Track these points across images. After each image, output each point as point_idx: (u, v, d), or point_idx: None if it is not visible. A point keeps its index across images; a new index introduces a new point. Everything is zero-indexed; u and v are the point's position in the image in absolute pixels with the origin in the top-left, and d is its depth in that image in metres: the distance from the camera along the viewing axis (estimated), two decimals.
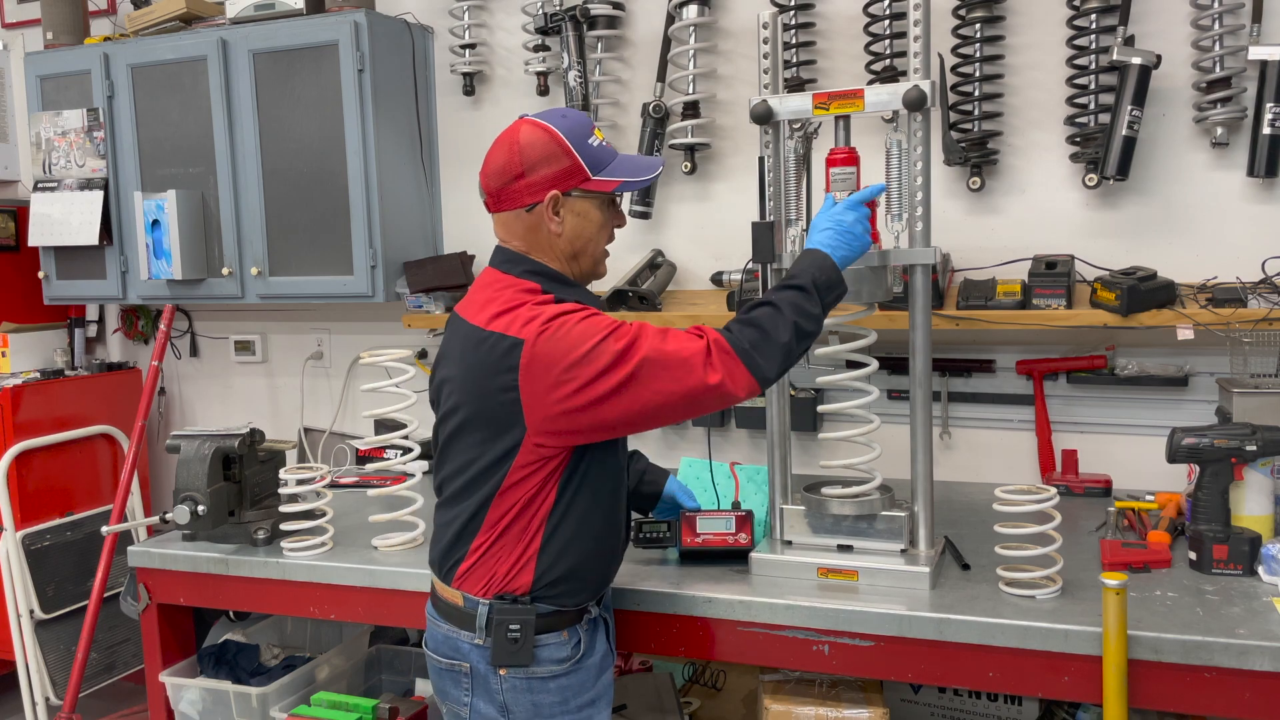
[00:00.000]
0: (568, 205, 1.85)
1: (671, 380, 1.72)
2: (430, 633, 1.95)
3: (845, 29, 2.93)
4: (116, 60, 3.48)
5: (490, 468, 1.80)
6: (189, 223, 3.38)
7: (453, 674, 1.88)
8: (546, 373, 1.71)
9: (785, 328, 1.77)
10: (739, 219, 3.06)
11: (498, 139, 1.89)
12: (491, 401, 1.77)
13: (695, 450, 3.22)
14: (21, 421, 3.56)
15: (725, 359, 1.74)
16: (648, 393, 1.72)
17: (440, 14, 3.40)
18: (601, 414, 1.73)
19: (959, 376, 2.92)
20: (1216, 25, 2.54)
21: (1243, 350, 2.59)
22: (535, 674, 1.84)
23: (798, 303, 1.80)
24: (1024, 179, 2.82)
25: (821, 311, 1.83)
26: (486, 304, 1.83)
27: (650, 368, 1.71)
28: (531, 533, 1.81)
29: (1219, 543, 2.08)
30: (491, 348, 1.76)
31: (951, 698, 2.63)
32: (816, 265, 1.86)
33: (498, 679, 1.83)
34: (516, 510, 1.80)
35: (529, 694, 1.84)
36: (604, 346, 1.70)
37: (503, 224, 1.90)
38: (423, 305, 3.26)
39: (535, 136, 1.83)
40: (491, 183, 1.87)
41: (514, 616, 1.81)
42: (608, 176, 1.86)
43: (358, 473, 3.28)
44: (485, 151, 1.92)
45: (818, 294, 1.82)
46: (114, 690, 3.66)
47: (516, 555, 1.82)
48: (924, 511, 2.14)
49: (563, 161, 1.82)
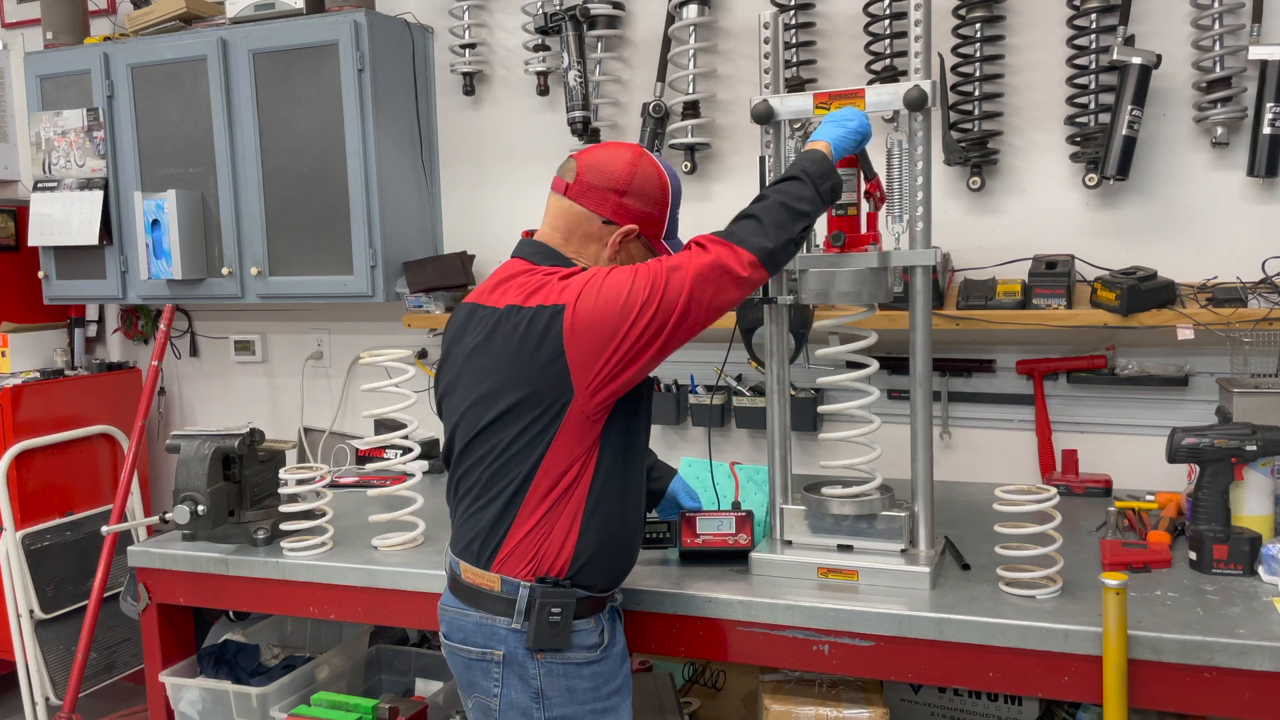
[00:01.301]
0: (631, 244, 1.95)
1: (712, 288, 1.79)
2: (454, 624, 1.93)
3: (845, 29, 2.93)
4: (116, 60, 3.48)
5: (530, 444, 1.81)
6: (189, 223, 3.39)
7: (483, 664, 1.88)
8: (593, 332, 1.75)
9: (775, 208, 1.83)
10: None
11: (620, 147, 1.96)
12: (537, 375, 1.78)
13: (695, 450, 3.22)
14: (21, 421, 3.56)
15: (718, 247, 1.80)
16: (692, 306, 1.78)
17: (440, 14, 3.40)
18: (658, 347, 1.77)
19: (959, 376, 2.92)
20: (1216, 25, 2.54)
21: (1243, 350, 2.59)
22: (571, 659, 1.86)
23: (788, 189, 1.86)
24: (1024, 179, 2.82)
25: (816, 194, 1.86)
26: (520, 288, 1.86)
27: (692, 284, 1.77)
28: (574, 508, 1.83)
29: (1219, 543, 2.08)
30: (532, 321, 1.79)
31: (951, 698, 2.63)
32: (808, 158, 1.90)
33: (535, 664, 1.84)
34: (563, 486, 1.82)
35: (564, 679, 1.85)
36: (637, 290, 1.76)
37: (563, 212, 1.94)
38: (423, 305, 3.26)
39: (653, 174, 1.94)
40: (591, 175, 1.91)
41: (555, 599, 1.82)
42: (670, 246, 1.98)
43: (358, 473, 3.28)
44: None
45: (811, 181, 1.86)
46: (114, 690, 3.66)
47: (561, 533, 1.83)
48: (924, 511, 2.14)
49: (656, 211, 1.95)
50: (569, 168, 1.95)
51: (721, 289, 1.79)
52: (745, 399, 3.02)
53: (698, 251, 1.81)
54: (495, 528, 1.86)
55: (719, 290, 1.79)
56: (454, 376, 1.95)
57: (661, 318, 1.76)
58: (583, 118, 3.08)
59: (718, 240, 1.82)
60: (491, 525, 1.86)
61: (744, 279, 1.80)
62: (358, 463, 3.45)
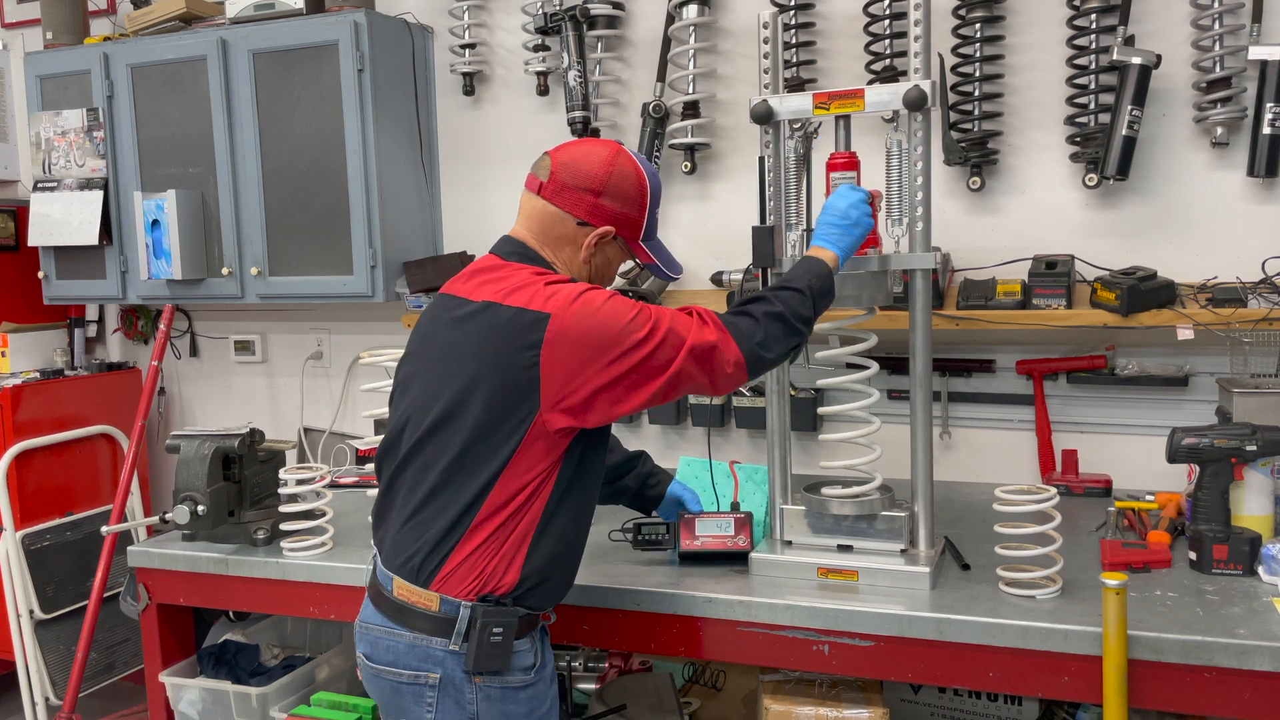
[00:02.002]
0: (608, 246, 1.90)
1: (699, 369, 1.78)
2: (379, 644, 1.82)
3: (845, 29, 2.93)
4: (116, 60, 3.48)
5: (489, 454, 1.73)
6: (189, 223, 3.38)
7: (415, 688, 1.77)
8: (575, 349, 1.70)
9: (775, 320, 1.82)
10: (739, 219, 3.06)
11: (597, 144, 1.90)
12: (507, 377, 1.72)
13: (695, 450, 3.22)
14: (21, 421, 3.56)
15: (720, 332, 1.79)
16: (680, 376, 1.76)
17: (440, 14, 3.40)
18: (629, 397, 1.74)
19: (959, 376, 2.92)
20: (1216, 25, 2.54)
21: (1243, 350, 2.59)
22: (509, 682, 1.77)
23: (791, 301, 1.85)
24: (1024, 179, 2.82)
25: (813, 314, 1.87)
26: (498, 282, 1.80)
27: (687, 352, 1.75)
28: (526, 527, 1.75)
29: (1219, 543, 2.08)
30: (510, 322, 1.73)
31: (951, 698, 2.63)
32: (813, 272, 1.90)
33: (472, 688, 1.75)
34: (518, 502, 1.74)
35: (501, 703, 1.77)
36: (634, 326, 1.72)
37: (536, 212, 1.89)
38: (422, 305, 3.26)
39: (631, 174, 1.88)
40: (565, 174, 1.86)
41: (497, 619, 1.74)
42: (649, 248, 1.94)
43: (358, 473, 3.28)
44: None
45: (812, 298, 1.87)
46: (114, 690, 3.66)
47: (509, 551, 1.75)
48: (924, 511, 2.14)
49: (634, 212, 1.89)
50: (543, 165, 1.89)
51: (703, 372, 1.77)
52: (745, 399, 3.02)
53: (699, 325, 1.77)
54: (441, 543, 1.75)
55: (701, 371, 1.77)
56: (413, 369, 1.87)
57: (653, 366, 1.73)
58: (583, 118, 3.08)
59: (719, 324, 1.79)
60: (437, 540, 1.75)
61: (727, 375, 1.79)
62: (358, 463, 3.45)
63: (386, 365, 2.54)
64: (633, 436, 3.29)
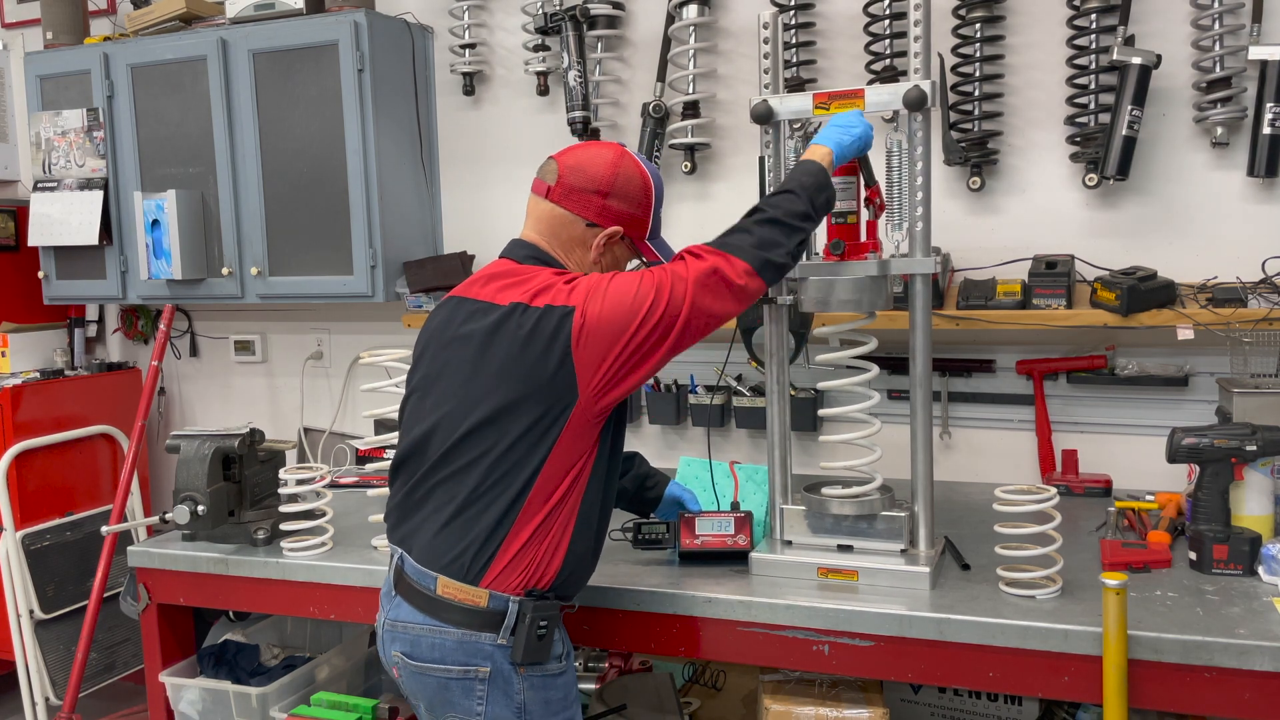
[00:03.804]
0: (616, 245, 1.94)
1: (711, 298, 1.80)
2: (423, 643, 1.83)
3: (845, 29, 2.93)
4: (116, 60, 3.48)
5: (531, 450, 1.77)
6: (189, 223, 3.39)
7: (465, 682, 1.81)
8: (600, 334, 1.74)
9: (768, 225, 1.84)
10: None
11: (601, 147, 1.94)
12: (542, 376, 1.76)
13: (695, 450, 3.22)
14: (21, 421, 3.56)
15: (713, 256, 1.81)
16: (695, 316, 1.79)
17: (440, 14, 3.40)
18: (658, 349, 1.77)
19: (959, 376, 2.92)
20: (1216, 25, 2.54)
21: (1243, 350, 2.59)
22: (548, 670, 1.85)
23: (782, 203, 1.87)
24: (1024, 179, 2.82)
25: (810, 209, 1.87)
26: (520, 285, 1.83)
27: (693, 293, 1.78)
28: (568, 515, 1.82)
29: (1219, 543, 2.08)
30: (540, 320, 1.76)
31: (951, 698, 2.63)
32: (805, 170, 1.91)
33: (519, 679, 1.81)
34: (560, 493, 1.80)
35: (543, 690, 1.84)
36: (642, 294, 1.76)
37: (545, 215, 1.93)
38: (422, 305, 3.26)
39: (635, 174, 1.92)
40: (572, 178, 1.90)
41: (542, 613, 1.80)
42: (655, 247, 1.98)
43: (358, 473, 3.28)
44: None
45: (806, 196, 1.87)
46: (114, 690, 3.66)
47: (553, 542, 1.81)
48: (924, 511, 2.14)
49: (640, 211, 1.94)
50: (549, 169, 1.94)
51: (720, 296, 1.79)
52: (745, 399, 3.02)
53: (693, 260, 1.81)
54: (489, 540, 1.79)
55: (717, 297, 1.79)
56: (433, 372, 1.89)
57: (666, 322, 1.76)
58: (583, 118, 3.09)
59: (711, 250, 1.82)
60: (485, 538, 1.79)
61: (740, 287, 1.80)
62: (358, 463, 3.45)
63: (386, 365, 2.54)
64: (633, 437, 3.29)
